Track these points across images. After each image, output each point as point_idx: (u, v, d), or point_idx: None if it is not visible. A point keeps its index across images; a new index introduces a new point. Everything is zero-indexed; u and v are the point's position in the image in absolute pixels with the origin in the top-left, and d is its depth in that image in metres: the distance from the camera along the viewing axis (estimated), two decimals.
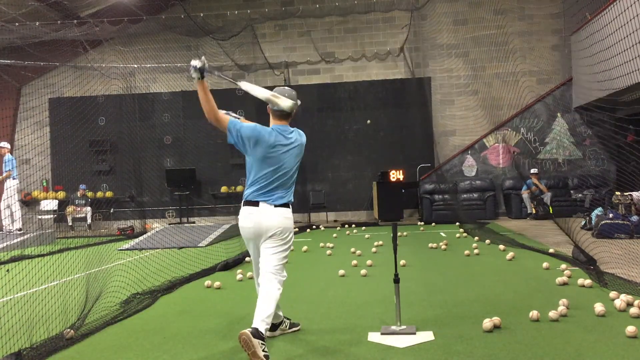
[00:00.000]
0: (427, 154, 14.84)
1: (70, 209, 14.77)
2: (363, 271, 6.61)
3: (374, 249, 8.64)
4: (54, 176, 15.67)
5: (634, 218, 9.13)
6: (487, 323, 3.95)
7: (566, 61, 14.27)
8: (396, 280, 4.08)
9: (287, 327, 4.13)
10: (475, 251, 7.97)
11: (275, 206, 3.69)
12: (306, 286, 6.04)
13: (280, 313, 4.07)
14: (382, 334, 3.98)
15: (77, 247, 9.68)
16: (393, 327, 4.03)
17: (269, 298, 3.56)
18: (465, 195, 13.97)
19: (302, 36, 15.42)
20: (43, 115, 14.63)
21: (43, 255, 8.56)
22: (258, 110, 6.56)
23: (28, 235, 11.36)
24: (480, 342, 3.71)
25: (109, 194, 15.51)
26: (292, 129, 3.85)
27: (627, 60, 7.39)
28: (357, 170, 15.23)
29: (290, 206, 3.80)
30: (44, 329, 4.25)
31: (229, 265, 7.42)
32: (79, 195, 14.83)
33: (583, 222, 10.13)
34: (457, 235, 10.55)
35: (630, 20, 7.15)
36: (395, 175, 13.82)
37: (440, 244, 8.81)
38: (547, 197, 13.19)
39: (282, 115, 3.80)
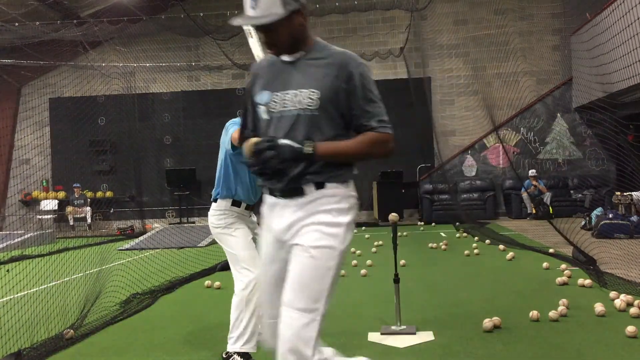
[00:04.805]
0: (427, 154, 14.83)
1: (70, 209, 14.77)
2: (363, 271, 6.61)
3: (374, 249, 8.64)
4: (54, 176, 15.67)
5: (634, 218, 9.13)
6: (487, 323, 3.95)
7: (566, 61, 14.26)
8: (396, 280, 4.08)
9: None
10: (475, 251, 7.96)
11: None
12: None
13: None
14: (382, 334, 3.98)
15: (77, 247, 9.69)
16: (393, 327, 4.03)
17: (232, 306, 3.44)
18: (465, 195, 13.96)
19: None
20: (43, 115, 14.63)
21: (43, 255, 8.56)
22: None
23: (28, 235, 11.36)
24: (480, 342, 3.71)
25: (109, 194, 15.50)
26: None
27: (629, 63, 7.39)
28: (357, 170, 15.22)
29: (218, 201, 3.64)
30: (44, 329, 4.25)
31: (229, 265, 7.40)
32: (75, 195, 14.83)
33: (583, 222, 10.12)
34: (457, 235, 10.55)
35: (633, 22, 7.15)
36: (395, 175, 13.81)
37: (440, 244, 8.81)
38: (547, 197, 13.20)
39: None
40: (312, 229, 2.01)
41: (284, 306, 1.96)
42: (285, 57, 2.11)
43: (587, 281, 5.34)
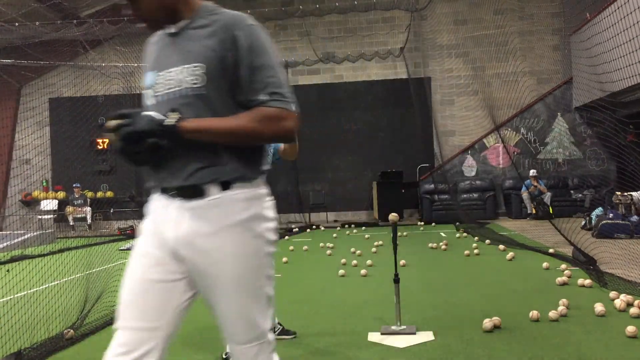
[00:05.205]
0: (427, 154, 14.84)
1: (70, 209, 14.78)
2: (363, 271, 6.61)
3: (374, 249, 8.64)
4: (54, 176, 15.67)
5: (634, 218, 9.13)
6: (487, 323, 3.95)
7: (566, 61, 14.26)
8: (396, 280, 4.08)
9: (277, 332, 3.97)
10: (475, 251, 7.97)
11: None
12: (306, 286, 6.04)
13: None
14: (382, 334, 3.98)
15: (77, 247, 9.69)
16: (393, 327, 4.03)
17: None
18: (465, 195, 13.97)
19: (302, 36, 15.41)
20: (43, 115, 14.63)
21: (43, 255, 8.56)
22: None
23: (28, 235, 11.36)
24: (480, 342, 3.71)
25: (109, 194, 15.50)
26: None
27: (630, 63, 7.38)
28: (357, 170, 15.23)
29: None
30: (44, 329, 4.25)
31: None
32: (76, 195, 14.84)
33: (583, 222, 10.13)
34: (457, 235, 10.55)
35: (634, 25, 7.14)
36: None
37: (440, 244, 8.81)
38: (547, 197, 13.19)
39: None
40: (226, 254, 1.68)
41: (230, 342, 1.83)
42: (170, 29, 1.76)
43: (587, 281, 5.34)
